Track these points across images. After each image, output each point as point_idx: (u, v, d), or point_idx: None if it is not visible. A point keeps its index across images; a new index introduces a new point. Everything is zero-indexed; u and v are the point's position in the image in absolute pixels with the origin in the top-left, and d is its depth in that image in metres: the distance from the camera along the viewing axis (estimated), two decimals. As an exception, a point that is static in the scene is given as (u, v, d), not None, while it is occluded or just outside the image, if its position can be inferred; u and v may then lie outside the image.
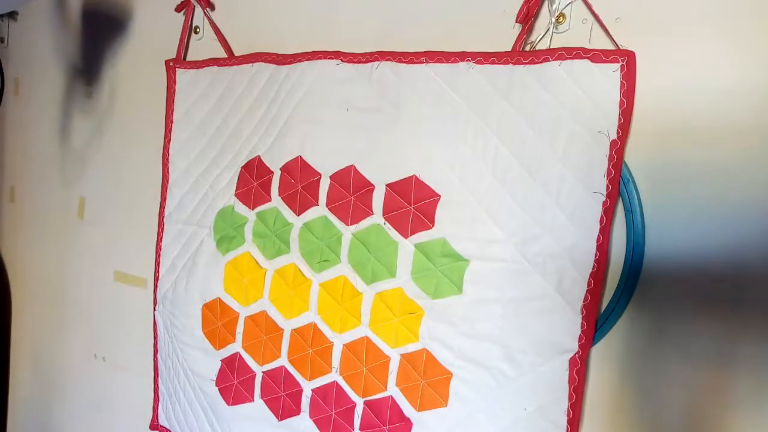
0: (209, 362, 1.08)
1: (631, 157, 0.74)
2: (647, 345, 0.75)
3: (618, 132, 0.73)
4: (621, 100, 0.73)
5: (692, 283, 0.72)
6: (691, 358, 0.72)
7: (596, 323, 0.76)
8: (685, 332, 0.73)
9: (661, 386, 0.74)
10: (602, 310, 0.76)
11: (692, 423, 0.73)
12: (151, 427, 1.23)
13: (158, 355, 1.19)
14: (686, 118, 0.72)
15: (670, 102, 0.72)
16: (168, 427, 1.19)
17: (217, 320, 1.06)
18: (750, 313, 0.69)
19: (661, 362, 0.74)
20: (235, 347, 1.04)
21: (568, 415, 0.76)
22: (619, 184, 0.73)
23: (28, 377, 1.57)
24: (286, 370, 0.99)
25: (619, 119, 0.73)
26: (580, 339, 0.75)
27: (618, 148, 0.73)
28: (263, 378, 1.01)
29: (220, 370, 1.07)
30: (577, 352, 0.75)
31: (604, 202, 0.74)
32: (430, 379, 0.85)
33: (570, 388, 0.76)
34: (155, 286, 1.18)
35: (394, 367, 0.88)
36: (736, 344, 0.70)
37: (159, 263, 1.18)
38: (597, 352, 0.78)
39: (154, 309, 1.19)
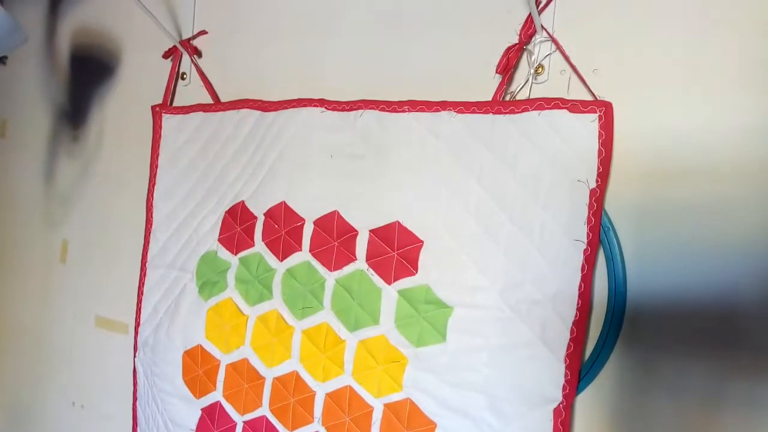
0: (189, 411, 1.05)
1: (611, 203, 0.75)
2: (633, 391, 0.74)
3: (597, 181, 0.74)
4: (599, 149, 0.74)
5: (678, 325, 0.72)
6: (679, 400, 0.72)
7: (580, 372, 0.75)
8: (672, 375, 0.72)
9: (649, 429, 0.73)
10: (586, 359, 0.76)
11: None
12: (129, 478, 1.19)
13: (137, 404, 1.16)
14: (665, 164, 0.73)
15: (647, 148, 0.74)
16: (146, 478, 1.16)
17: (197, 368, 1.04)
18: (738, 352, 0.69)
19: (648, 407, 0.73)
20: (216, 396, 1.02)
21: (553, 468, 0.74)
22: (599, 232, 0.74)
23: (6, 424, 1.52)
24: (268, 420, 0.96)
25: (598, 168, 0.74)
26: (564, 389, 0.74)
27: (597, 196, 0.74)
28: (244, 428, 0.99)
29: (200, 419, 1.04)
30: (561, 402, 0.74)
31: (584, 250, 0.74)
32: (414, 430, 0.83)
33: (555, 440, 0.75)
34: (136, 332, 1.16)
35: (377, 417, 0.86)
36: (725, 384, 0.69)
37: (141, 308, 1.16)
38: (582, 401, 0.77)
39: (135, 356, 1.16)
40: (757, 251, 0.68)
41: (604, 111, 0.74)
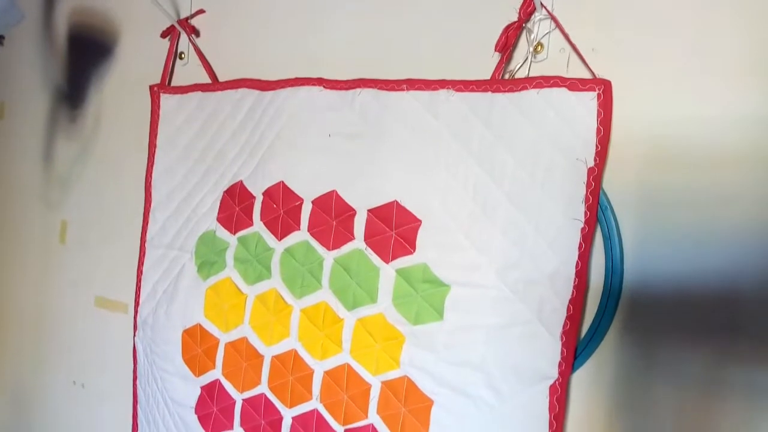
0: (189, 389, 1.06)
1: (609, 183, 0.75)
2: (630, 370, 0.75)
3: (595, 159, 0.74)
4: (598, 127, 0.74)
5: (674, 306, 0.72)
6: (674, 382, 0.72)
7: (576, 350, 0.75)
8: (668, 356, 0.72)
9: (644, 412, 0.74)
10: (582, 337, 0.76)
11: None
12: (129, 456, 1.20)
13: (137, 382, 1.17)
14: (663, 144, 0.73)
15: (646, 129, 0.74)
16: (146, 456, 1.17)
17: (197, 346, 1.05)
18: (737, 338, 0.69)
19: (643, 388, 0.74)
20: (215, 374, 1.03)
21: (548, 444, 0.75)
22: (597, 210, 0.74)
23: (7, 404, 1.53)
24: (267, 398, 0.97)
25: (597, 147, 0.74)
26: (560, 366, 0.75)
27: (596, 175, 0.74)
28: (243, 406, 1.00)
29: (199, 397, 1.05)
30: (557, 380, 0.75)
31: (582, 228, 0.74)
32: (411, 407, 0.84)
33: (550, 416, 0.75)
34: (135, 311, 1.17)
35: (375, 394, 0.87)
36: (723, 370, 0.69)
37: (140, 288, 1.16)
38: (578, 379, 0.77)
39: (134, 335, 1.17)
40: (757, 239, 0.68)
41: (603, 89, 0.73)
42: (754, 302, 0.68)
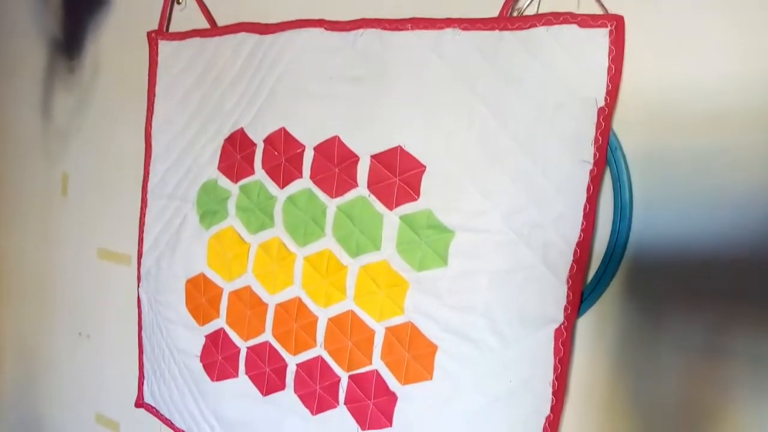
0: (193, 338, 1.07)
1: (619, 128, 0.73)
2: (634, 318, 0.74)
3: (606, 99, 0.71)
4: (609, 66, 0.71)
5: (681, 259, 0.71)
6: (678, 335, 0.71)
7: (582, 294, 0.75)
8: (672, 307, 0.72)
9: (650, 361, 0.73)
10: (588, 281, 0.75)
11: (680, 396, 0.72)
12: (137, 405, 1.22)
13: (143, 333, 1.18)
14: (676, 88, 0.70)
15: (659, 73, 0.71)
16: (153, 404, 1.18)
17: (200, 296, 1.05)
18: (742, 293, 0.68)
19: (649, 336, 0.73)
20: (219, 323, 1.03)
21: (552, 387, 0.75)
22: (606, 152, 0.72)
23: (14, 357, 1.55)
24: (271, 346, 0.97)
25: (608, 86, 0.71)
26: (565, 309, 0.74)
27: (606, 115, 0.71)
28: (248, 353, 1.00)
29: (204, 346, 1.06)
30: (563, 323, 0.74)
31: (591, 170, 0.72)
32: (415, 353, 0.84)
33: (555, 360, 0.75)
34: (139, 262, 1.17)
35: (379, 340, 0.87)
36: (728, 326, 0.69)
37: (142, 239, 1.16)
38: (582, 325, 0.77)
39: (138, 286, 1.17)
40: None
41: (616, 25, 0.70)
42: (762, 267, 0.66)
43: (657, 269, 0.72)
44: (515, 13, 0.78)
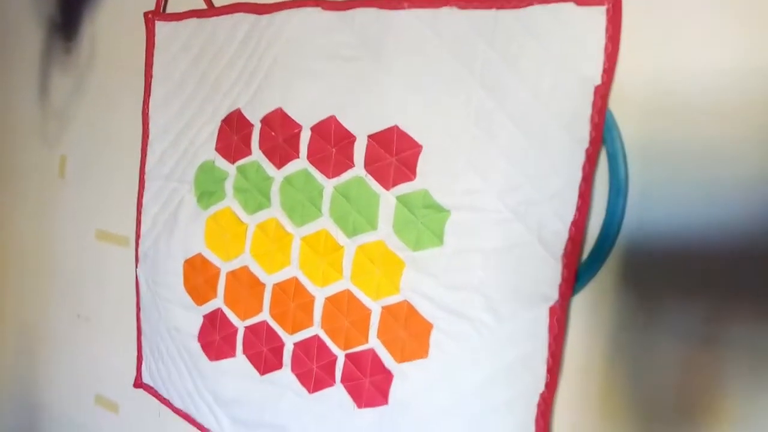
0: (191, 318, 1.07)
1: (616, 107, 0.73)
2: (630, 298, 0.75)
3: (603, 77, 0.71)
4: (606, 44, 0.71)
5: (677, 240, 0.71)
6: (674, 315, 0.72)
7: (577, 272, 0.75)
8: (668, 286, 0.72)
9: (644, 341, 0.73)
10: (583, 260, 0.76)
11: (675, 376, 0.73)
12: (135, 385, 1.23)
13: (141, 314, 1.19)
14: (674, 69, 0.70)
15: (656, 52, 0.71)
16: (152, 384, 1.19)
17: (198, 276, 1.05)
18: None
19: (644, 317, 0.73)
20: (217, 303, 1.04)
21: (547, 364, 0.76)
22: (602, 130, 0.72)
23: (13, 339, 1.56)
24: (268, 325, 0.98)
25: (604, 64, 0.71)
26: (560, 287, 0.74)
27: (602, 94, 0.71)
28: (245, 333, 1.01)
29: (202, 326, 1.06)
30: (558, 301, 0.75)
31: (587, 149, 0.72)
32: (411, 331, 0.84)
33: (550, 337, 0.75)
34: (137, 243, 1.17)
35: (375, 319, 0.87)
36: (725, 313, 0.69)
37: (140, 221, 1.16)
38: (577, 303, 0.77)
39: (136, 267, 1.18)
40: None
41: (613, 3, 0.70)
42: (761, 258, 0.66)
43: (652, 249, 0.72)
44: (512, -8, 0.78)
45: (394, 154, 0.84)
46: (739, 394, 0.69)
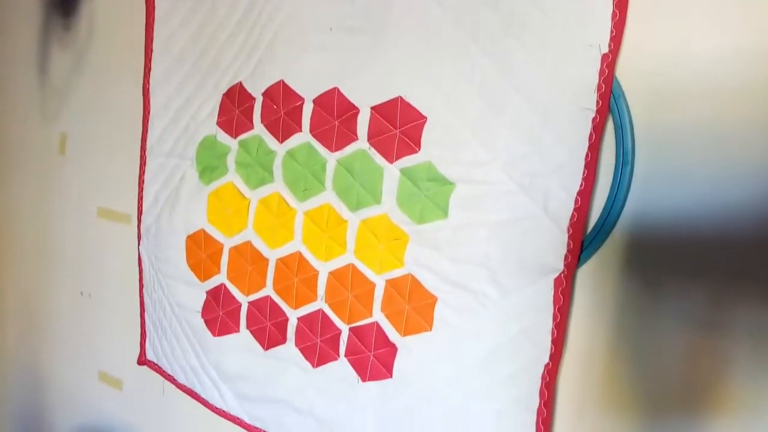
0: (194, 294, 1.07)
1: (623, 76, 0.71)
2: (634, 270, 0.74)
3: (610, 45, 0.70)
4: (614, 11, 0.69)
5: (682, 215, 0.70)
6: (678, 289, 0.71)
7: (582, 244, 0.74)
8: (673, 259, 0.71)
9: (649, 314, 0.73)
10: (589, 231, 0.75)
11: (678, 352, 0.73)
12: (139, 362, 1.23)
13: (144, 290, 1.19)
14: (684, 39, 0.69)
15: (665, 20, 0.69)
16: (155, 361, 1.19)
17: (201, 252, 1.05)
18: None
19: (649, 290, 0.73)
20: (220, 278, 1.04)
21: (552, 335, 0.75)
22: (609, 99, 0.71)
23: (16, 317, 1.56)
24: (272, 300, 0.98)
25: (612, 31, 0.70)
26: (565, 258, 0.74)
27: (609, 62, 0.70)
28: (249, 308, 1.01)
29: (205, 301, 1.06)
30: (563, 272, 0.74)
31: (593, 118, 0.71)
32: (415, 304, 0.84)
33: (555, 309, 0.75)
34: (139, 220, 1.17)
35: (379, 293, 0.87)
36: (729, 295, 0.68)
37: (142, 197, 1.16)
38: (582, 275, 0.77)
39: (139, 244, 1.17)
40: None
41: (621, -32, 0.69)
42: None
43: (657, 227, 0.72)
44: (518, -41, 0.77)
45: (398, 126, 0.83)
46: (742, 378, 0.68)
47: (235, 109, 0.99)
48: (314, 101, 0.90)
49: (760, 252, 0.66)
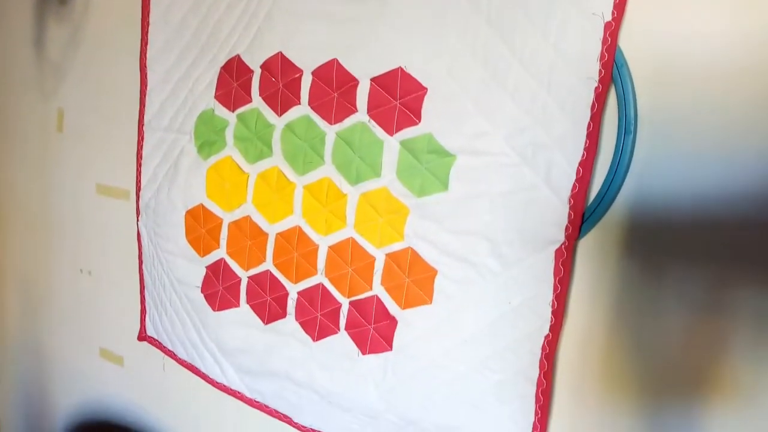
0: (194, 269, 1.07)
1: (626, 45, 0.71)
2: (635, 243, 0.74)
3: (613, 13, 0.69)
4: (618, -23, 0.68)
5: (684, 188, 0.70)
6: (679, 261, 0.71)
7: (583, 215, 0.74)
8: (674, 232, 0.71)
9: (650, 286, 0.73)
10: (590, 202, 0.74)
11: (677, 320, 0.73)
12: (139, 338, 1.23)
13: (143, 266, 1.18)
14: (690, 9, 0.68)
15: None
16: (155, 337, 1.20)
17: (200, 227, 1.05)
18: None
19: (649, 264, 0.73)
20: (220, 253, 1.03)
21: (552, 307, 0.75)
22: (612, 68, 0.70)
23: (16, 295, 1.56)
24: (272, 275, 0.98)
25: (615, -1, 0.69)
26: (566, 229, 0.73)
27: (612, 30, 0.69)
28: (249, 283, 1.01)
29: (205, 276, 1.06)
30: (564, 243, 0.74)
31: (596, 87, 0.70)
32: (414, 277, 0.84)
33: (555, 280, 0.75)
34: (137, 196, 1.16)
35: (379, 266, 0.87)
36: (730, 272, 0.68)
37: (140, 173, 1.15)
38: (582, 248, 0.76)
39: (138, 220, 1.17)
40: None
41: (625, -66, 0.68)
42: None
43: (659, 197, 0.71)
44: (521, -75, 0.75)
45: (398, 98, 0.82)
46: (741, 358, 0.69)
47: (233, 82, 0.98)
48: (313, 73, 0.89)
49: (762, 232, 0.66)
